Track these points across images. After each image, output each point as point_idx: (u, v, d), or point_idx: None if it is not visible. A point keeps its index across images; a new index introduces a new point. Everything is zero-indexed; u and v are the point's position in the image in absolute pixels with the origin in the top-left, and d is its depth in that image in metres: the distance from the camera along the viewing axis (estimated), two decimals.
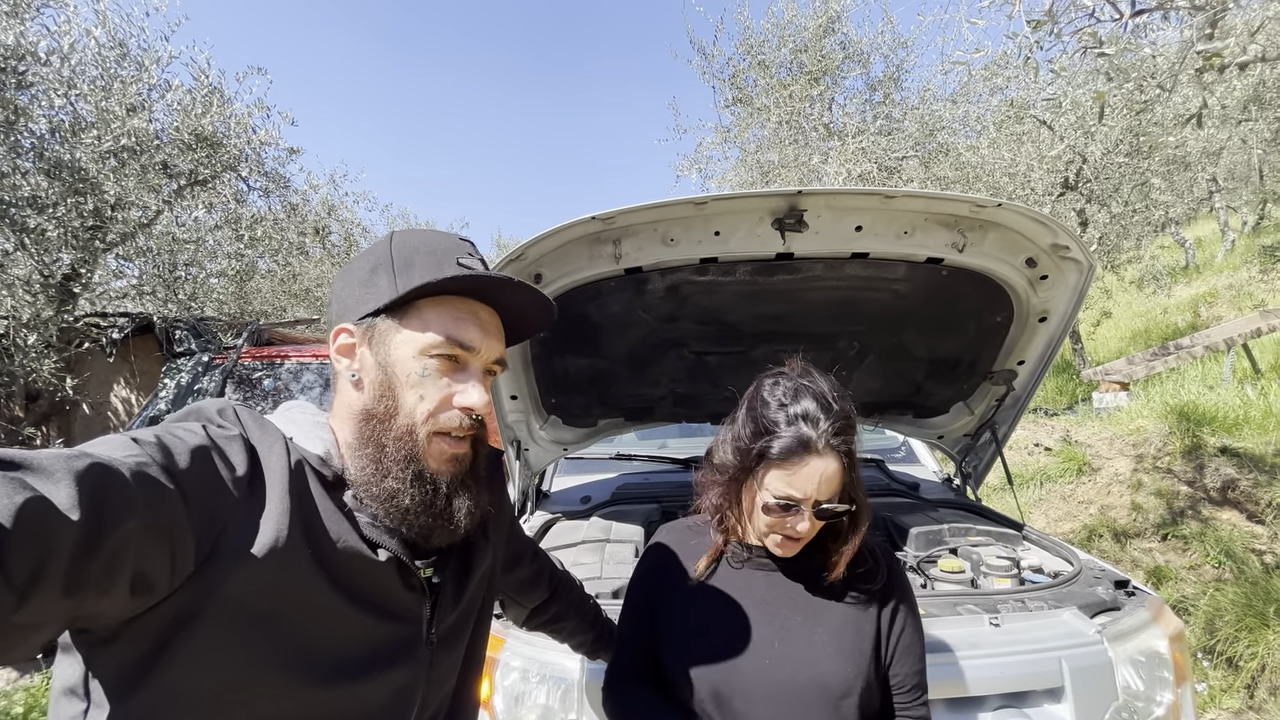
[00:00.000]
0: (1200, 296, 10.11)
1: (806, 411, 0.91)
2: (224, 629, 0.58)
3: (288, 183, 5.66)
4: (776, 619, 0.98)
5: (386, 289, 0.71)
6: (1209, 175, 10.33)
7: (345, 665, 0.66)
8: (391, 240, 0.75)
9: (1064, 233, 1.68)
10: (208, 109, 4.57)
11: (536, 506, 2.46)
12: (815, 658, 0.94)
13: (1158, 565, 3.79)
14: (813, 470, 0.89)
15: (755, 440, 0.93)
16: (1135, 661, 1.37)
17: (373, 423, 0.70)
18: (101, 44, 4.21)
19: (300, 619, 0.62)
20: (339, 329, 0.74)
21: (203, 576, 0.56)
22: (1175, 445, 4.60)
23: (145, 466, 0.54)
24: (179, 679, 0.56)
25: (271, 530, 0.60)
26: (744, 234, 1.68)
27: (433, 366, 0.71)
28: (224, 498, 0.59)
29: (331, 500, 0.67)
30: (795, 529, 0.93)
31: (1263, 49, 2.25)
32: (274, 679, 0.61)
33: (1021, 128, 5.97)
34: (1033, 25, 2.08)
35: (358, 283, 0.74)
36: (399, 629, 0.72)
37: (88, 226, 3.71)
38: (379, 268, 0.73)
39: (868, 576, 1.00)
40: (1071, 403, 7.91)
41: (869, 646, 0.96)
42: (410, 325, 0.71)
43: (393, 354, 0.71)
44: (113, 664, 0.56)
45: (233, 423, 0.66)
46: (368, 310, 0.72)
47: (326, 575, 0.64)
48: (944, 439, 2.49)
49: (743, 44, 6.27)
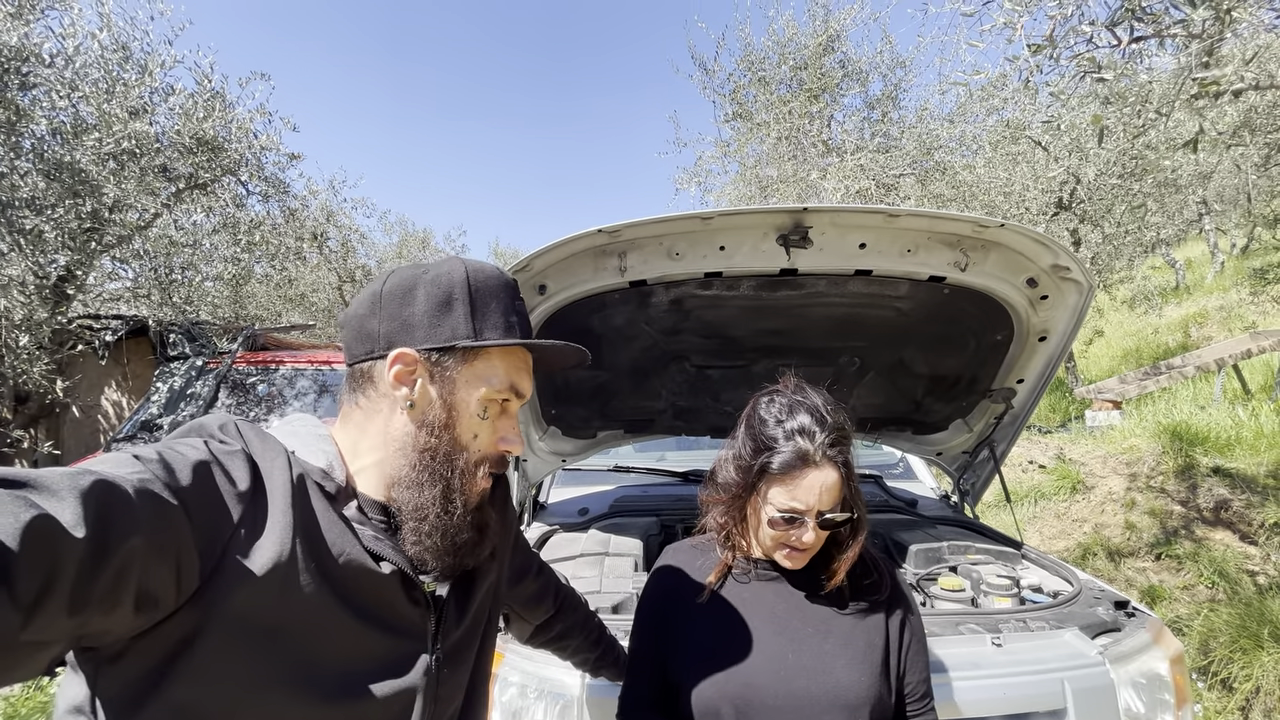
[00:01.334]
0: (1191, 317, 10.23)
1: (803, 426, 0.94)
2: (229, 645, 0.57)
3: (287, 188, 5.66)
4: (787, 631, 0.99)
5: (463, 325, 0.71)
6: (1199, 198, 10.49)
7: (349, 680, 0.65)
8: (468, 272, 0.73)
9: (1064, 254, 1.69)
10: (209, 113, 4.57)
11: (534, 518, 2.45)
12: (829, 668, 0.95)
13: (1152, 585, 3.80)
14: (813, 482, 0.92)
15: (756, 457, 0.96)
16: (1136, 684, 1.37)
17: (433, 458, 0.71)
18: (105, 46, 4.21)
19: (304, 633, 0.62)
20: (400, 353, 0.70)
21: (207, 592, 0.56)
22: (1168, 465, 4.63)
23: (149, 483, 0.54)
24: (184, 695, 0.56)
25: (275, 545, 0.60)
26: (749, 249, 1.69)
27: (493, 411, 0.74)
28: (227, 513, 0.59)
29: (334, 513, 0.67)
30: (801, 540, 0.95)
31: (1256, 77, 2.29)
32: (278, 694, 0.61)
33: (1017, 148, 6.06)
34: (1033, 49, 2.11)
35: (427, 308, 0.71)
36: (403, 643, 0.71)
37: (85, 228, 3.69)
38: (455, 301, 0.71)
39: (873, 588, 1.03)
40: (1065, 420, 7.95)
41: (879, 656, 0.98)
42: (478, 368, 0.72)
43: (458, 393, 0.71)
44: (119, 681, 0.56)
45: (234, 438, 0.66)
46: (439, 343, 0.70)
47: (330, 589, 0.64)
48: (942, 456, 2.50)
49: (743, 60, 6.35)
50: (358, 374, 0.73)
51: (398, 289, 0.72)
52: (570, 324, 1.84)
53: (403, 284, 0.72)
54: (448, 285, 0.71)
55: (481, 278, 0.73)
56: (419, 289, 0.72)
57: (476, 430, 0.72)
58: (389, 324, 0.71)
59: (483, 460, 0.74)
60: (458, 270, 0.73)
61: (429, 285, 0.71)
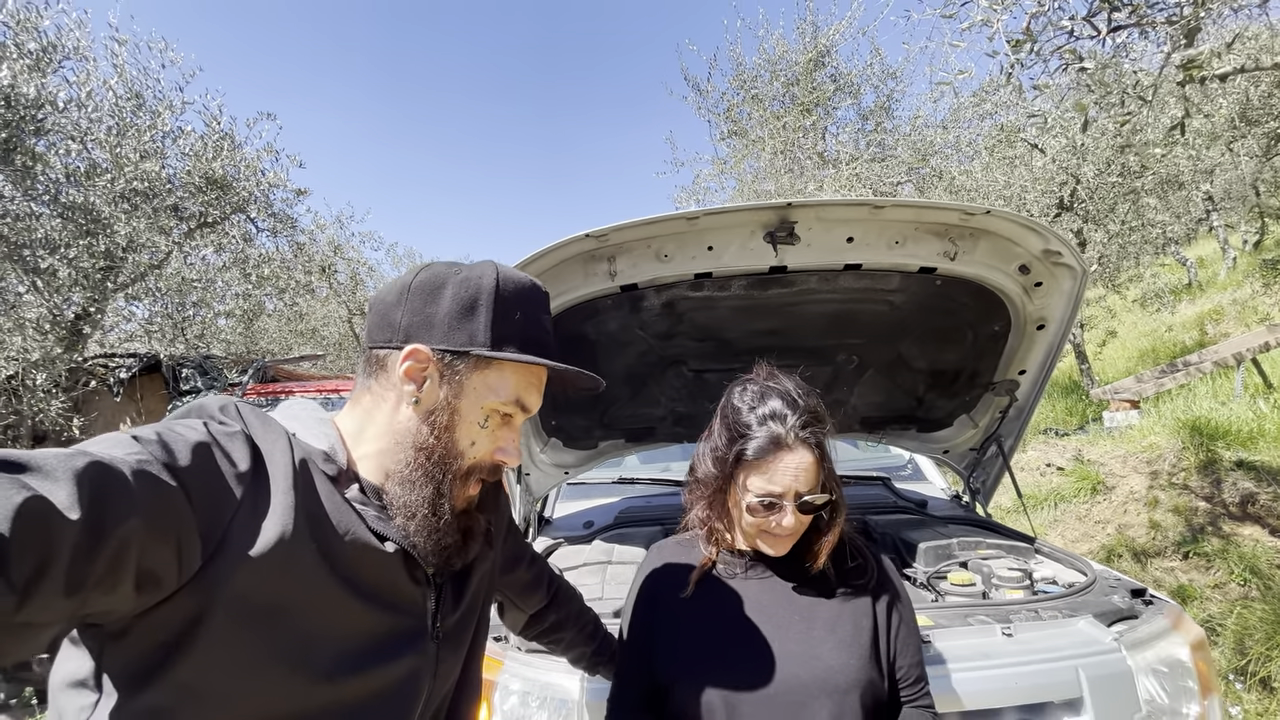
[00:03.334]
0: (1206, 314, 10.07)
1: (774, 410, 0.95)
2: (232, 624, 0.58)
3: (295, 223, 5.79)
4: (773, 621, 0.98)
5: (482, 333, 0.70)
6: (1204, 194, 10.41)
7: (350, 657, 0.66)
8: (498, 279, 0.72)
9: (1055, 238, 1.69)
10: (218, 153, 4.71)
11: (539, 533, 2.43)
12: (816, 653, 0.94)
13: (1181, 584, 3.68)
14: (787, 465, 0.93)
15: (731, 446, 0.97)
16: (1157, 671, 1.32)
17: (429, 458, 0.71)
18: (119, 95, 4.38)
19: (307, 612, 0.63)
20: (414, 349, 0.70)
21: (210, 573, 0.57)
22: (1190, 461, 4.51)
23: (147, 465, 0.54)
24: (187, 673, 0.57)
25: (277, 525, 0.61)
26: (737, 248, 1.69)
27: (494, 421, 0.73)
28: (228, 494, 0.60)
29: (338, 494, 0.68)
30: (781, 525, 0.95)
31: (1242, 61, 2.30)
32: (280, 672, 0.61)
33: (1013, 151, 6.08)
34: (1013, 44, 2.14)
35: (450, 309, 0.71)
36: (404, 621, 0.72)
37: (99, 267, 3.80)
38: (479, 305, 0.71)
39: (858, 572, 1.03)
40: (1082, 423, 7.80)
41: (868, 640, 0.97)
42: (489, 378, 0.72)
43: (464, 399, 0.71)
44: (123, 658, 0.57)
45: (234, 419, 0.67)
46: (454, 346, 0.70)
47: (333, 569, 0.64)
48: (949, 454, 2.46)
49: (736, 79, 6.47)
50: (373, 359, 0.73)
51: (427, 284, 0.72)
52: (564, 332, 1.85)
53: (433, 280, 0.72)
54: (475, 290, 0.71)
55: (511, 287, 0.73)
56: (447, 288, 0.71)
57: (475, 438, 0.72)
58: (411, 317, 0.71)
59: (476, 468, 0.74)
60: (489, 276, 0.72)
61: (457, 286, 0.71)
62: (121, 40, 4.37)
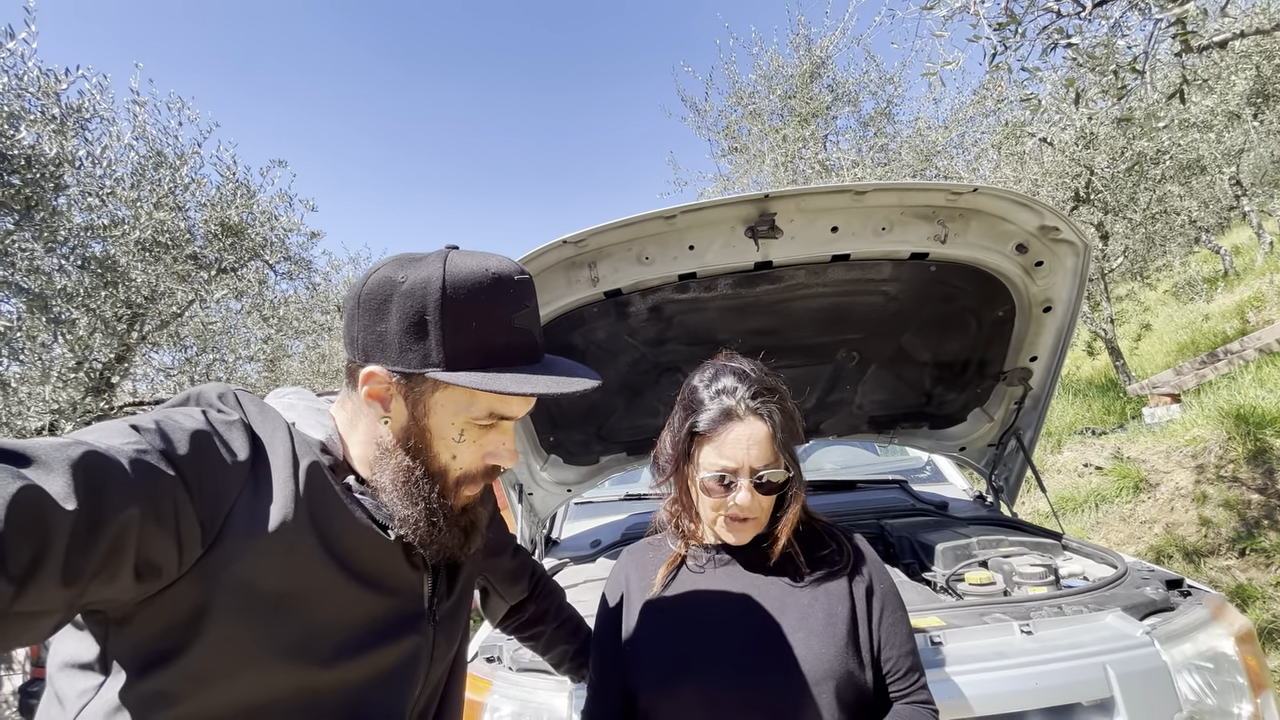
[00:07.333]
0: (1246, 302, 9.63)
1: (725, 385, 0.94)
2: (235, 609, 0.58)
3: (310, 264, 5.95)
4: (741, 613, 0.93)
5: (435, 353, 0.64)
6: (1231, 178, 10.07)
7: (352, 640, 0.66)
8: (445, 284, 0.64)
9: (1050, 213, 1.62)
10: (233, 202, 4.89)
11: (546, 553, 2.38)
12: (785, 644, 0.89)
13: (1240, 584, 3.43)
14: (739, 435, 0.91)
15: (684, 424, 0.96)
16: (1199, 667, 1.20)
17: (409, 478, 0.68)
18: (141, 155, 4.60)
19: (307, 598, 0.63)
20: (370, 373, 0.66)
21: (210, 561, 0.57)
22: (1238, 451, 4.26)
23: (145, 454, 0.54)
24: (193, 658, 0.57)
25: (278, 513, 0.61)
26: (719, 245, 1.66)
27: (471, 434, 0.69)
28: (227, 482, 0.59)
29: (336, 484, 0.67)
30: (737, 503, 0.91)
31: (1242, 27, 2.22)
32: (281, 657, 0.61)
33: (1022, 147, 5.97)
34: (996, 27, 2.10)
35: (399, 328, 0.65)
36: (404, 604, 0.72)
37: (121, 317, 3.93)
38: (427, 324, 0.64)
39: (830, 559, 0.98)
40: (1121, 421, 7.46)
41: (843, 628, 0.91)
42: (453, 394, 0.67)
43: (432, 418, 0.67)
44: (128, 643, 0.57)
45: (233, 408, 0.66)
46: (409, 368, 0.65)
47: (333, 555, 0.64)
48: (967, 451, 2.34)
49: (733, 96, 6.52)
50: (349, 370, 0.70)
51: (374, 297, 0.66)
52: (551, 343, 1.81)
53: (378, 291, 0.66)
54: (420, 303, 0.64)
55: (464, 291, 0.64)
56: (393, 304, 0.65)
57: (455, 452, 0.69)
58: (365, 335, 0.66)
59: (465, 478, 0.71)
60: (434, 281, 0.64)
61: (402, 301, 0.64)
62: (141, 102, 4.60)
